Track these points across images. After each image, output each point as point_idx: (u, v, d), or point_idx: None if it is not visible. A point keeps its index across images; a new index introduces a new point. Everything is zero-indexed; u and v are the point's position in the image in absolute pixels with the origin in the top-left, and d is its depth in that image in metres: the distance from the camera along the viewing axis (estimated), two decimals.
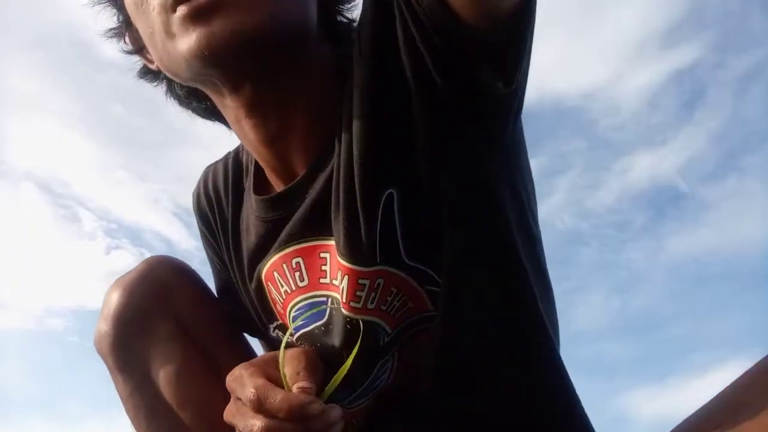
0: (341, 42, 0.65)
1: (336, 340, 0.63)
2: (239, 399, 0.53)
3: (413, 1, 0.48)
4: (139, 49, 0.66)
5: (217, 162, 0.79)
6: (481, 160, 0.59)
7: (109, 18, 0.66)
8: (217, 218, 0.76)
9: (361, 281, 0.59)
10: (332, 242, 0.61)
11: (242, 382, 0.52)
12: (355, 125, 0.56)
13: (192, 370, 0.71)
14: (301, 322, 0.66)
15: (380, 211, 0.57)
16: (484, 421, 0.66)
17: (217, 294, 0.82)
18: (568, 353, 0.71)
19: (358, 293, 0.60)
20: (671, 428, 0.59)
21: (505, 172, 0.61)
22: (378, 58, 0.54)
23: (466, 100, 0.53)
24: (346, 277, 0.59)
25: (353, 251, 0.58)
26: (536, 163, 0.79)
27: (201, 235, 0.81)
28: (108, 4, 0.65)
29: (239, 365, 0.58)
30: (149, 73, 0.70)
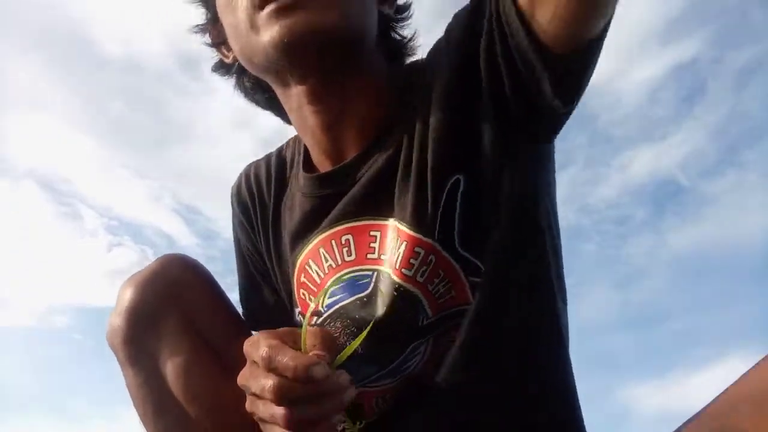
0: (394, 55, 0.77)
1: (379, 309, 0.66)
2: (254, 362, 0.53)
3: (504, 20, 0.56)
4: (218, 43, 0.77)
5: (258, 160, 0.86)
6: (531, 167, 0.67)
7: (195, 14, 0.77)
8: (257, 208, 0.82)
9: (417, 249, 0.64)
10: (385, 222, 0.67)
11: (257, 344, 0.53)
12: (434, 116, 0.64)
13: (201, 365, 0.72)
14: (340, 295, 0.69)
15: (445, 193, 0.64)
16: (488, 421, 0.68)
17: (242, 287, 0.86)
18: (571, 348, 0.72)
19: (411, 260, 0.64)
20: (682, 422, 0.59)
21: (543, 179, 0.69)
22: (462, 58, 0.63)
23: (529, 114, 0.61)
24: (404, 243, 0.64)
25: (417, 219, 0.64)
26: None
27: (237, 227, 0.86)
28: (199, 2, 0.76)
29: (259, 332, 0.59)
30: (222, 67, 0.80)
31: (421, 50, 0.79)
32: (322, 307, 0.71)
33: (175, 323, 0.72)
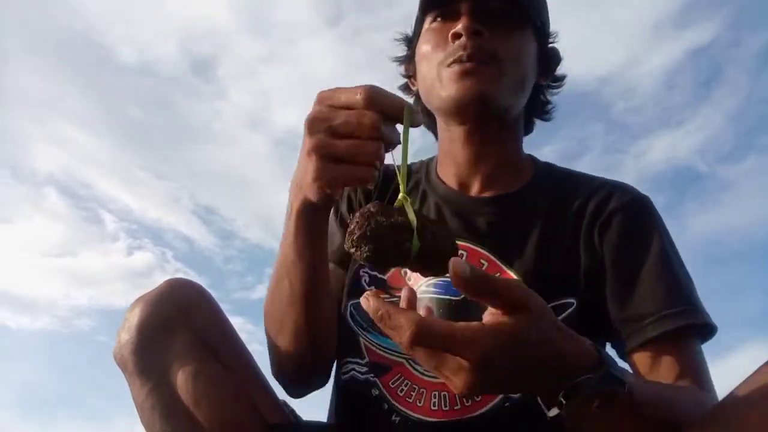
0: (535, 115, 0.99)
1: (465, 315, 0.72)
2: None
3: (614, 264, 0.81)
4: (409, 75, 0.99)
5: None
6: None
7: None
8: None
9: None
10: (495, 259, 0.82)
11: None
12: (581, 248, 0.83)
13: (208, 374, 0.74)
14: (436, 289, 0.82)
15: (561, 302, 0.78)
16: None
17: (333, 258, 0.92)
18: None
19: None
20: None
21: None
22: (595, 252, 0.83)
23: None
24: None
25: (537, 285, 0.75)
26: (554, 150, 0.86)
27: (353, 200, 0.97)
28: (403, 42, 0.99)
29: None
30: (406, 90, 1.01)
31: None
32: (418, 289, 0.82)
33: (183, 337, 0.74)
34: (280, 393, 0.85)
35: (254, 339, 0.91)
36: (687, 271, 0.82)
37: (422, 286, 0.83)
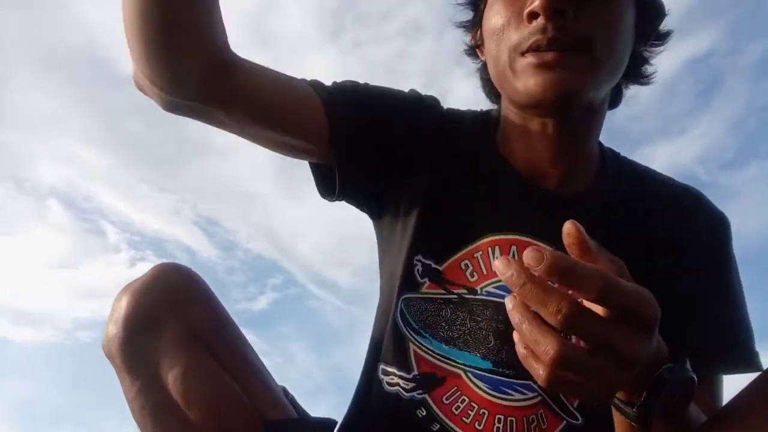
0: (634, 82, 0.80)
1: None
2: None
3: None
4: (475, 46, 0.81)
5: (457, 115, 0.84)
6: None
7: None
8: (448, 146, 0.79)
9: None
10: None
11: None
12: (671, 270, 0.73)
13: (200, 370, 0.71)
14: (504, 292, 0.71)
15: None
16: None
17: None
18: None
19: None
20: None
21: None
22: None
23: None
24: None
25: None
26: None
27: (415, 113, 0.79)
28: (469, 6, 0.80)
29: None
30: (473, 54, 0.83)
31: None
32: (482, 289, 0.72)
33: (173, 330, 0.70)
34: (279, 379, 0.80)
35: (257, 350, 0.88)
36: (745, 304, 0.76)
37: (489, 287, 0.73)
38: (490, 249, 0.73)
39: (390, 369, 0.75)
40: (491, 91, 0.82)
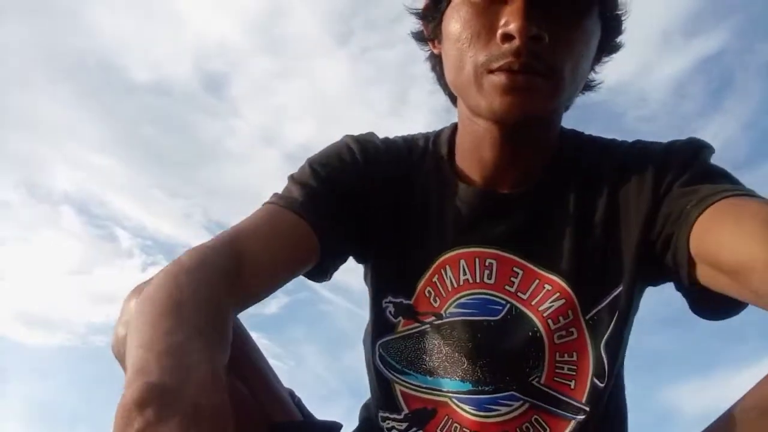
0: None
1: (503, 339, 0.70)
2: None
3: (673, 251, 0.63)
4: (431, 39, 0.76)
5: (392, 142, 0.82)
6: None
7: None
8: (390, 184, 0.77)
9: (570, 311, 0.68)
10: (529, 264, 0.70)
11: None
12: (630, 225, 0.68)
13: None
14: (470, 310, 0.71)
15: (612, 296, 0.68)
16: None
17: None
18: None
19: (560, 318, 0.68)
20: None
21: None
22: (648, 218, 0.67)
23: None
24: (562, 300, 0.68)
25: (584, 292, 0.69)
26: None
27: (352, 172, 0.77)
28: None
29: None
30: (422, 40, 0.78)
31: None
32: (445, 312, 0.72)
33: None
34: (292, 383, 0.79)
35: (269, 354, 0.87)
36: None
37: (450, 306, 0.73)
38: (442, 270, 0.73)
39: (385, 414, 0.76)
40: (446, 89, 0.79)
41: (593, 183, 0.72)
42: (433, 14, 0.74)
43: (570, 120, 0.81)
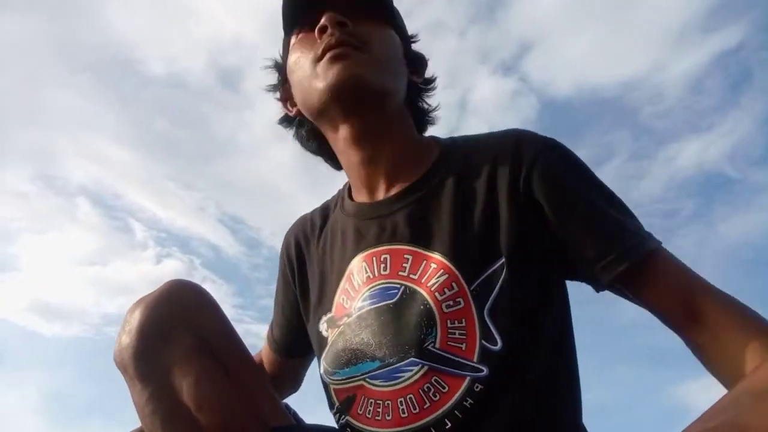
0: (419, 120, 0.97)
1: (400, 314, 0.78)
2: None
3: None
4: (285, 99, 0.98)
5: (307, 213, 1.05)
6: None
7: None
8: (305, 253, 0.99)
9: (454, 284, 0.76)
10: (417, 249, 0.81)
11: None
12: (500, 202, 0.79)
13: (211, 377, 0.73)
14: (371, 300, 0.81)
15: (494, 267, 0.76)
16: None
17: (277, 318, 1.06)
18: (621, 345, 0.73)
19: (446, 290, 0.76)
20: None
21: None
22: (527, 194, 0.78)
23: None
24: (446, 276, 0.77)
25: (465, 263, 0.77)
26: (578, 155, 0.83)
27: (283, 274, 1.03)
28: (273, 68, 0.99)
29: None
30: (286, 120, 1.01)
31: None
32: (355, 308, 0.83)
33: (185, 339, 0.73)
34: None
35: None
36: (616, 202, 0.79)
37: (358, 302, 0.82)
38: (351, 276, 0.85)
39: (333, 413, 0.85)
40: (313, 144, 0.99)
41: (471, 171, 0.83)
42: (281, 76, 0.97)
43: (582, 116, 0.83)
